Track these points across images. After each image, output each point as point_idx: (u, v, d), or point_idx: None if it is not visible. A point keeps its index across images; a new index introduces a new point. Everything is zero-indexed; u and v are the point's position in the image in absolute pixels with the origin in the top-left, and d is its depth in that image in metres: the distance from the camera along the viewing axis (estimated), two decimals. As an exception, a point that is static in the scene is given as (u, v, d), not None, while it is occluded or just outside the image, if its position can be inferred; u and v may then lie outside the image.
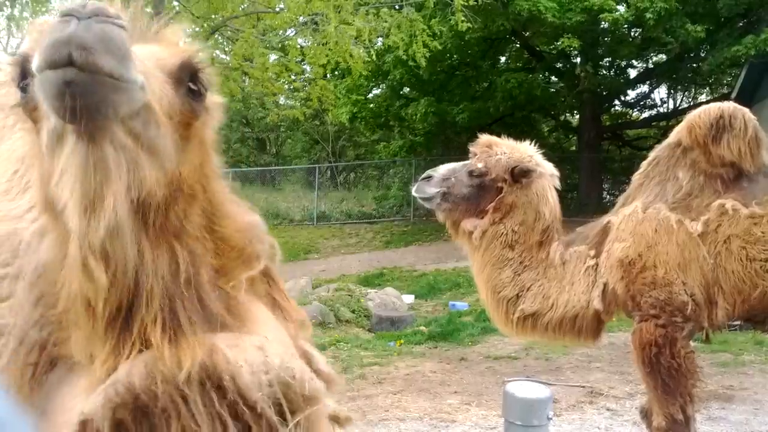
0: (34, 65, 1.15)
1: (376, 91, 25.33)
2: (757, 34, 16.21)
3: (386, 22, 13.35)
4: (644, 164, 4.18)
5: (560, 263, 4.07)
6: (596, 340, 4.20)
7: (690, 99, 29.72)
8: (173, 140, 1.33)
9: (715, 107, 3.93)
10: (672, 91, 29.89)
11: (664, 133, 12.24)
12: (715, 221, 3.75)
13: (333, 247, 21.58)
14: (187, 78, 1.40)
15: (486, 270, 4.13)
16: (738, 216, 3.72)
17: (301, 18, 13.57)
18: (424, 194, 4.17)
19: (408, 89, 23.76)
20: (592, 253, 4.04)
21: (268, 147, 36.77)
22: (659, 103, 30.15)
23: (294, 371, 1.42)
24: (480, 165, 4.10)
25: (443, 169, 4.19)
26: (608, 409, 6.24)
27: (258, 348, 1.41)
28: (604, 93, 23.93)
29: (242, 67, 13.36)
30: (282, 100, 20.88)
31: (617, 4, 18.31)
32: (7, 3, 13.05)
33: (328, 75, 21.10)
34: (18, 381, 1.47)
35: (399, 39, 13.55)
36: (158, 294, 1.33)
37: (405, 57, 14.49)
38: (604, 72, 23.13)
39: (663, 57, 23.41)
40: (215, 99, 1.54)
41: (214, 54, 15.28)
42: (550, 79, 24.85)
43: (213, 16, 13.48)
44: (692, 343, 3.85)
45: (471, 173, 4.10)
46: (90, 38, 1.13)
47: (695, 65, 22.38)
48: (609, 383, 7.05)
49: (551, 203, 4.10)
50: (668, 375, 3.71)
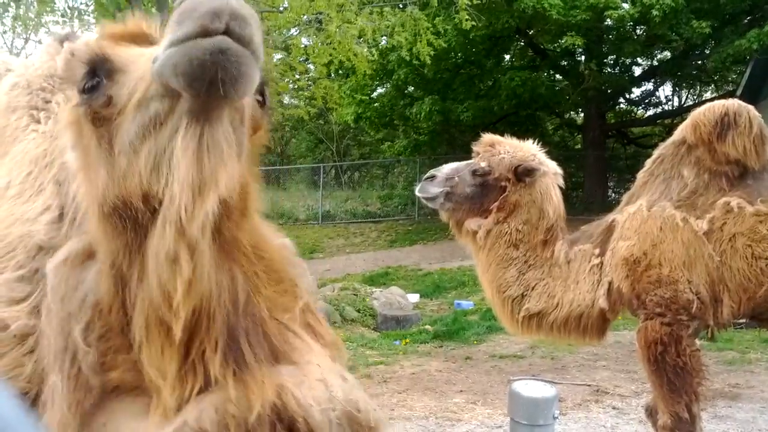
0: (172, 36, 1.09)
1: (381, 91, 25.33)
2: (762, 27, 16.15)
3: (390, 21, 13.34)
4: (649, 162, 4.17)
5: (565, 262, 4.06)
6: (601, 339, 4.20)
7: (695, 96, 29.61)
8: (246, 143, 1.28)
9: (720, 105, 3.92)
10: (677, 89, 29.81)
11: (669, 131, 12.17)
12: (721, 219, 3.74)
13: (338, 247, 21.59)
14: (259, 88, 1.34)
15: (491, 269, 4.12)
16: (743, 214, 3.71)
17: (305, 17, 13.58)
18: (428, 194, 4.16)
19: (412, 88, 23.73)
20: (597, 252, 4.03)
21: (273, 146, 36.81)
22: (664, 101, 30.14)
23: (358, 403, 1.38)
24: (483, 164, 4.09)
25: (446, 169, 4.19)
26: (614, 408, 6.23)
27: (322, 382, 1.36)
28: (609, 91, 23.87)
29: (246, 67, 13.34)
30: (287, 100, 20.90)
31: (622, 2, 18.25)
32: (12, 3, 13.09)
33: (333, 74, 21.10)
34: (70, 409, 1.42)
35: (403, 38, 13.54)
36: (221, 321, 1.28)
37: (409, 56, 14.47)
38: (609, 70, 23.07)
39: (668, 54, 23.34)
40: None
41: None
42: (555, 77, 24.80)
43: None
44: (698, 342, 3.84)
45: (474, 172, 4.10)
46: (244, 11, 1.10)
47: (700, 62, 22.33)
48: (615, 382, 7.05)
49: (555, 202, 4.10)
50: (674, 373, 3.70)
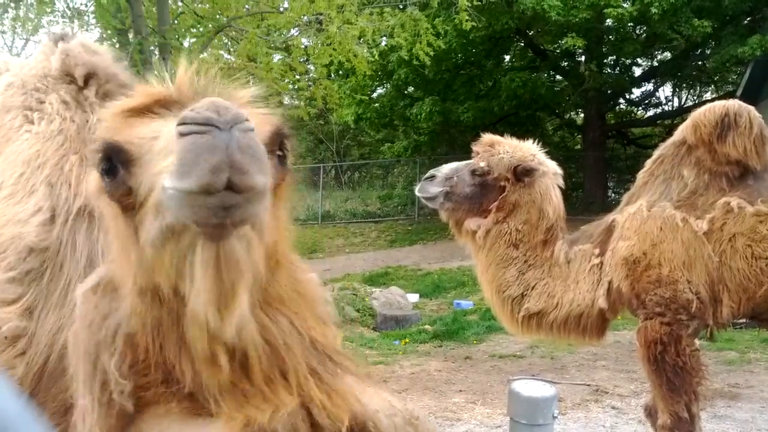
0: (175, 183, 1.10)
1: (381, 91, 25.33)
2: (764, 34, 16.15)
3: (390, 22, 13.33)
4: (649, 162, 4.17)
5: (565, 262, 4.06)
6: (601, 339, 4.20)
7: (695, 97, 29.62)
8: (269, 212, 1.30)
9: (720, 105, 3.92)
10: (677, 89, 29.82)
11: (669, 132, 12.16)
12: (721, 219, 3.74)
13: (338, 247, 21.60)
14: (279, 145, 1.37)
15: (490, 269, 4.12)
16: (743, 214, 3.71)
17: (305, 18, 13.57)
18: (427, 194, 4.16)
19: (412, 89, 23.75)
20: (597, 252, 4.03)
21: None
22: (664, 101, 30.15)
23: (414, 412, 1.45)
24: (483, 164, 4.09)
25: (446, 169, 4.19)
26: (613, 408, 6.23)
27: (378, 393, 1.43)
28: (609, 91, 23.88)
29: (247, 68, 13.36)
30: (287, 100, 20.90)
31: (623, 2, 18.25)
32: (12, 4, 13.08)
33: (333, 75, 21.10)
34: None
35: (403, 39, 13.53)
36: (295, 347, 1.34)
37: (409, 57, 14.47)
38: (609, 70, 23.08)
39: (668, 55, 23.37)
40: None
41: (219, 54, 15.31)
42: (555, 78, 24.83)
43: (217, 16, 13.49)
44: (697, 341, 3.85)
45: (474, 172, 4.10)
46: (244, 159, 1.09)
47: (700, 63, 22.34)
48: (614, 381, 7.05)
49: (555, 202, 4.10)
50: (673, 373, 3.70)
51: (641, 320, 3.84)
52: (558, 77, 24.84)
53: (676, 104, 30.05)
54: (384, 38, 16.57)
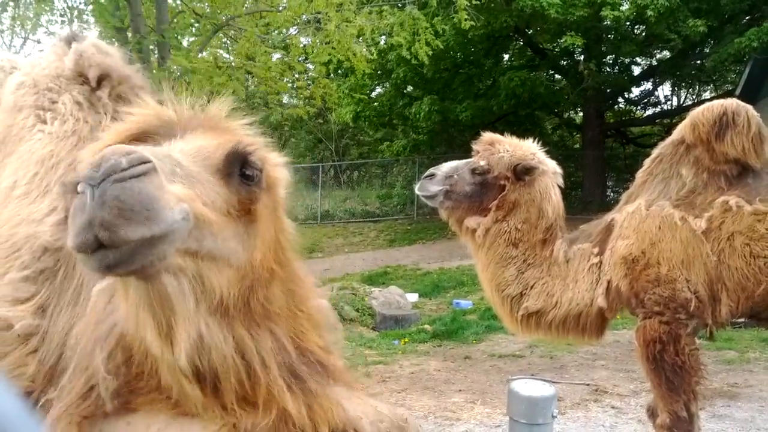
0: (70, 244, 1.12)
1: (380, 90, 25.32)
2: (761, 26, 16.14)
3: (389, 21, 13.33)
4: (647, 161, 4.17)
5: (564, 261, 4.06)
6: (600, 338, 4.20)
7: (694, 96, 29.65)
8: (237, 234, 1.29)
9: (719, 104, 3.92)
10: (676, 89, 29.84)
11: (668, 131, 12.16)
12: (719, 218, 3.74)
13: (337, 246, 21.60)
14: (238, 167, 1.35)
15: (490, 268, 4.12)
16: (742, 213, 3.71)
17: (304, 16, 13.56)
18: (427, 192, 4.16)
19: (411, 88, 23.75)
20: (596, 251, 4.04)
21: (272, 146, 36.72)
22: (663, 101, 30.18)
23: (404, 416, 1.48)
24: (482, 163, 4.09)
25: (446, 167, 4.19)
26: (613, 407, 6.23)
27: (365, 400, 1.47)
28: (608, 90, 23.89)
29: (245, 66, 13.36)
30: (285, 99, 20.88)
31: (621, 3, 18.25)
32: (11, 3, 13.06)
33: (331, 74, 21.08)
34: (72, 420, 1.47)
35: (402, 37, 13.53)
36: (272, 363, 1.37)
37: (408, 55, 14.47)
38: (608, 69, 23.10)
39: (666, 54, 23.37)
40: (277, 160, 1.52)
41: (218, 53, 15.29)
42: (554, 77, 24.84)
43: (216, 15, 13.48)
44: (697, 341, 3.85)
45: (474, 171, 4.10)
46: (108, 215, 1.07)
47: (699, 62, 22.33)
48: (613, 381, 7.05)
49: (554, 201, 4.10)
50: (672, 372, 3.70)
51: (640, 319, 3.84)
52: (557, 76, 24.86)
53: (675, 103, 30.10)
54: (383, 37, 16.57)
